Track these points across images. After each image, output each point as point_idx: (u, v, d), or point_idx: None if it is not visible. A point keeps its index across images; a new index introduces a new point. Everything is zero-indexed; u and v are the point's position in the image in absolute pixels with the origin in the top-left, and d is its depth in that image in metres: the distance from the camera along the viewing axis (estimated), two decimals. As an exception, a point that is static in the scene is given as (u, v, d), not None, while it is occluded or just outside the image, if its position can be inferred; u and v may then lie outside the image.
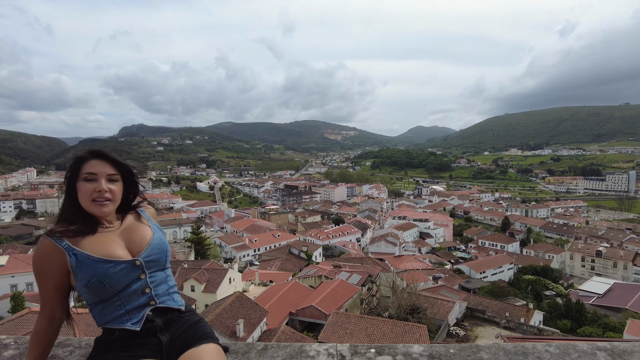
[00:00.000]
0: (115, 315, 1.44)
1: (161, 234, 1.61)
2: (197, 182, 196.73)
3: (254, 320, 29.97)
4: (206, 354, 1.41)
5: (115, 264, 1.42)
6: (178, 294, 1.62)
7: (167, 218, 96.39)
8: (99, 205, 1.45)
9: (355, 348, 1.74)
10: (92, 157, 1.50)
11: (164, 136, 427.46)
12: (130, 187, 1.60)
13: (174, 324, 1.51)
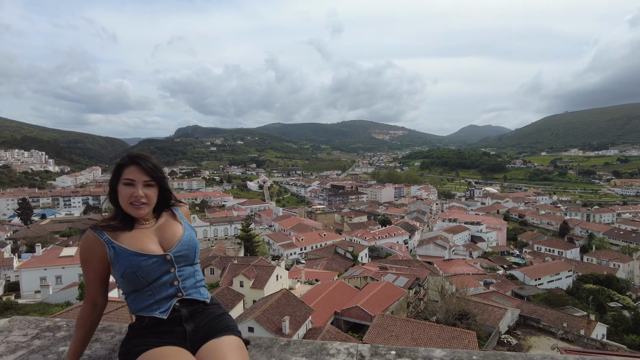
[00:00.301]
0: (146, 304, 1.58)
1: (192, 231, 1.72)
2: (248, 181, 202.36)
3: (300, 317, 30.33)
4: (226, 344, 1.50)
5: (148, 258, 1.56)
6: (205, 287, 1.73)
7: (219, 215, 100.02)
8: (136, 209, 1.61)
9: (375, 349, 1.75)
10: (132, 163, 1.65)
11: (217, 137, 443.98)
12: (164, 190, 1.72)
13: (199, 315, 1.62)
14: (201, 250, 66.21)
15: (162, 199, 1.75)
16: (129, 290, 1.59)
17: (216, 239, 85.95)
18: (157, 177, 1.67)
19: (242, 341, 1.57)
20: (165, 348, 1.46)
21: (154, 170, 1.66)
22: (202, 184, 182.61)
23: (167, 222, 1.71)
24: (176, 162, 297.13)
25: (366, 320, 32.26)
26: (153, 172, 1.66)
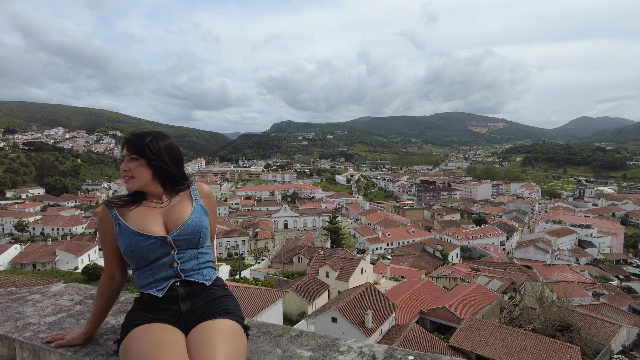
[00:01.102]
0: (146, 282, 1.61)
1: (200, 215, 1.67)
2: (336, 174, 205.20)
3: (383, 313, 30.00)
4: (217, 327, 1.45)
5: (146, 238, 1.56)
6: (211, 269, 1.68)
7: (308, 207, 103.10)
8: (125, 182, 1.66)
9: (391, 352, 1.56)
10: (124, 142, 1.73)
11: (308, 131, 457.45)
12: (161, 168, 1.69)
13: (197, 295, 1.59)
14: (290, 239, 68.98)
15: (169, 179, 1.72)
16: (133, 268, 1.64)
17: (305, 229, 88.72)
18: (143, 151, 1.65)
19: (238, 326, 1.51)
20: (156, 325, 1.47)
21: (136, 144, 1.66)
22: (294, 177, 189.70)
23: (179, 202, 1.70)
24: (271, 155, 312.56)
25: (454, 322, 30.78)
26: (135, 148, 1.66)
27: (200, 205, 1.72)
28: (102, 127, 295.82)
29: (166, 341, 1.36)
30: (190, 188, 1.76)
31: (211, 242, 1.78)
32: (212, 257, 1.73)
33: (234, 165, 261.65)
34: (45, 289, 2.34)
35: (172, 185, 1.72)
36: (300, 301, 34.94)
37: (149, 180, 1.66)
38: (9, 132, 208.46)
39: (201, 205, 1.72)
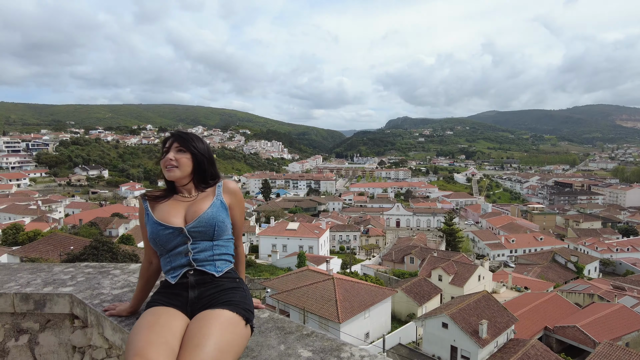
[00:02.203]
0: (166, 268, 1.79)
1: (217, 210, 1.78)
2: (455, 173, 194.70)
3: (500, 324, 27.71)
4: (215, 317, 1.53)
5: (165, 228, 1.74)
6: (224, 261, 1.77)
7: (422, 206, 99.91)
8: (167, 171, 1.81)
9: None
10: (172, 136, 1.90)
11: (425, 127, 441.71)
12: (201, 164, 1.87)
13: (207, 285, 1.70)
14: (402, 238, 67.71)
15: (202, 174, 1.87)
16: (158, 254, 1.83)
17: (418, 229, 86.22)
18: (189, 145, 1.84)
19: (238, 318, 1.57)
20: (162, 308, 1.62)
21: (185, 138, 1.85)
22: (408, 174, 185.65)
23: (201, 198, 1.84)
24: (385, 152, 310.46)
25: (587, 344, 27.00)
26: (184, 141, 1.84)
27: (220, 200, 1.83)
28: (234, 126, 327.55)
29: (159, 324, 1.49)
30: (217, 185, 1.90)
31: (237, 236, 1.90)
32: (230, 250, 1.83)
33: (349, 162, 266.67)
34: (125, 267, 2.76)
35: (203, 182, 1.88)
36: (409, 302, 34.19)
37: (189, 172, 1.84)
38: (162, 130, 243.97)
39: (221, 201, 1.83)
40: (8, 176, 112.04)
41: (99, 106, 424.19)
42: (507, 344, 27.51)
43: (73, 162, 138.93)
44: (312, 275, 34.15)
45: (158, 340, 1.37)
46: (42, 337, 2.35)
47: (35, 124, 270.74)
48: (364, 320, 29.10)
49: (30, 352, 2.38)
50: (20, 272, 2.68)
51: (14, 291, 2.32)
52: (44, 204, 76.58)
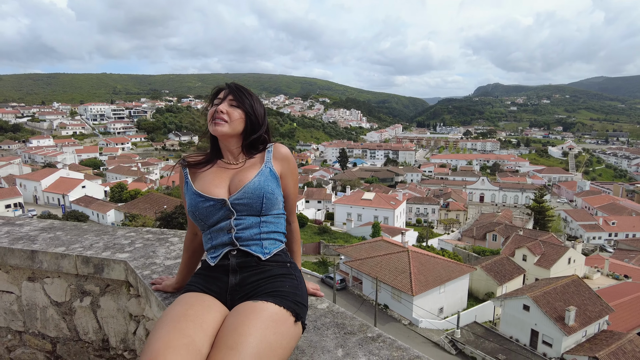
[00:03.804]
0: (207, 246, 1.53)
1: (265, 179, 1.50)
2: (549, 146, 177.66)
3: (592, 313, 25.35)
4: (256, 311, 1.25)
5: (206, 200, 1.47)
6: (273, 240, 1.47)
7: (510, 181, 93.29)
8: (216, 124, 1.52)
9: None
10: (226, 87, 1.61)
11: (518, 95, 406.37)
12: (248, 124, 1.59)
13: (250, 269, 1.43)
14: (485, 214, 64.08)
15: (252, 139, 1.61)
16: (200, 230, 1.59)
17: (504, 205, 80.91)
18: (244, 101, 1.56)
19: (287, 314, 1.28)
20: (195, 295, 1.37)
21: (242, 93, 1.57)
22: (496, 146, 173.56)
23: (248, 165, 1.57)
24: (472, 121, 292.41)
25: (700, 346, 23.64)
26: (240, 95, 1.57)
27: (270, 168, 1.55)
28: (314, 95, 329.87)
29: (187, 318, 1.23)
30: (266, 150, 1.61)
31: (289, 211, 1.61)
32: (280, 228, 1.54)
33: (431, 132, 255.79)
34: (184, 234, 2.63)
35: (253, 147, 1.62)
36: (489, 281, 32.60)
37: (239, 132, 1.57)
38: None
39: (270, 169, 1.54)
40: (115, 140, 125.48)
41: (189, 75, 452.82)
42: (598, 335, 25.24)
43: (167, 128, 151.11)
44: (386, 246, 33.88)
45: (179, 342, 1.11)
46: (103, 300, 2.32)
47: (136, 92, 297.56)
48: (439, 295, 28.43)
49: (93, 314, 2.37)
50: (88, 233, 2.69)
51: (76, 253, 2.30)
52: (143, 166, 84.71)
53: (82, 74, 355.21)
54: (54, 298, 2.44)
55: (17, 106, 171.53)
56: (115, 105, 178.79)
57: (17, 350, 2.63)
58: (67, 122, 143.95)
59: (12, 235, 2.65)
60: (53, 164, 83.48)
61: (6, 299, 2.58)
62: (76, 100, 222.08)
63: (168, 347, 1.09)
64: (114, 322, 2.31)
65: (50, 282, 2.43)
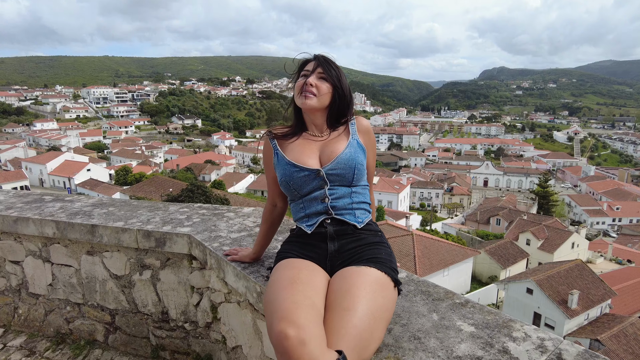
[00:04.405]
0: (299, 216, 1.57)
1: (355, 150, 1.54)
2: (554, 130, 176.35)
3: (594, 297, 25.58)
4: (363, 275, 1.30)
5: (300, 170, 1.51)
6: (364, 211, 1.52)
7: (515, 165, 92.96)
8: (304, 97, 1.54)
9: (588, 357, 1.14)
10: (314, 59, 1.62)
11: (524, 79, 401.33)
12: (337, 98, 1.60)
13: (347, 237, 1.47)
14: (489, 198, 64.13)
15: (337, 111, 1.62)
16: (289, 199, 1.64)
17: (508, 189, 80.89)
18: (332, 74, 1.57)
19: (387, 278, 1.32)
20: (299, 261, 1.42)
21: (330, 66, 1.58)
22: (501, 130, 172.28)
23: (335, 137, 1.60)
24: (477, 105, 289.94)
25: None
26: (329, 68, 1.58)
27: (357, 140, 1.59)
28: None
29: (301, 281, 1.28)
30: (349, 123, 1.64)
31: (369, 182, 1.65)
32: (367, 198, 1.59)
33: (435, 116, 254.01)
34: (239, 210, 2.69)
35: (336, 120, 1.64)
36: (492, 264, 32.86)
37: (325, 105, 1.60)
38: (249, 82, 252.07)
39: (357, 141, 1.58)
40: (118, 124, 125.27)
41: (192, 58, 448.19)
42: (600, 318, 25.48)
43: (170, 111, 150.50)
44: (390, 230, 34.04)
45: (304, 302, 1.17)
46: (163, 274, 2.38)
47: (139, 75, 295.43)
48: (443, 278, 28.69)
49: (153, 287, 2.44)
50: (140, 209, 2.74)
51: (137, 227, 2.35)
52: (147, 150, 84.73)
53: (84, 57, 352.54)
54: (113, 271, 2.51)
55: (20, 89, 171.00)
56: (118, 89, 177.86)
57: (76, 321, 2.72)
58: (70, 106, 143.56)
59: (67, 210, 2.71)
60: (58, 147, 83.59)
61: (65, 272, 2.65)
62: (79, 83, 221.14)
63: (298, 306, 1.14)
64: (174, 294, 2.38)
65: (110, 255, 2.50)
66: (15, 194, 3.24)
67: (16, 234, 2.72)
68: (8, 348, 2.75)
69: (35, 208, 2.80)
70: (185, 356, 2.45)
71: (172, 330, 2.45)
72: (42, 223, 2.56)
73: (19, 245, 2.75)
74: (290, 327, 1.07)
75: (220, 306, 2.15)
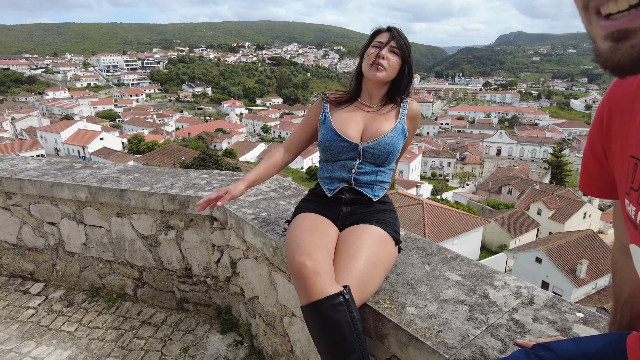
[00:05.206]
0: (324, 175, 1.71)
1: (397, 135, 1.63)
2: (572, 98, 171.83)
3: (604, 267, 25.78)
4: (367, 231, 1.49)
5: (341, 140, 1.61)
6: (383, 190, 1.68)
7: (529, 134, 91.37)
8: (374, 69, 1.60)
9: (555, 302, 1.29)
10: (387, 31, 1.66)
11: (542, 44, 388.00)
12: (405, 74, 1.67)
13: (361, 204, 1.63)
14: (502, 168, 63.61)
15: (397, 87, 1.69)
16: (321, 159, 1.75)
17: (521, 159, 79.93)
18: (404, 49, 1.63)
19: (388, 236, 1.52)
20: (316, 215, 1.60)
21: (403, 41, 1.64)
22: (516, 98, 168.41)
23: (385, 114, 1.67)
24: (492, 72, 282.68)
25: None
26: (402, 43, 1.63)
27: (403, 125, 1.67)
28: (328, 43, 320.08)
29: (318, 229, 1.49)
30: (402, 103, 1.71)
31: (396, 163, 1.77)
32: (389, 178, 1.72)
33: (449, 83, 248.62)
34: (253, 176, 2.88)
35: (394, 94, 1.70)
36: (502, 234, 33.06)
37: (391, 79, 1.66)
38: (259, 48, 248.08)
39: (403, 126, 1.67)
40: (129, 92, 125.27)
41: (200, 24, 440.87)
42: (608, 287, 25.73)
43: (180, 79, 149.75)
44: (401, 199, 34.26)
45: (320, 244, 1.40)
46: (186, 234, 2.62)
47: (148, 42, 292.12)
48: (452, 247, 28.95)
49: (177, 246, 2.69)
50: (163, 175, 2.96)
51: (162, 191, 2.57)
52: (158, 118, 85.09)
53: (92, 24, 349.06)
54: (141, 232, 2.76)
55: (31, 57, 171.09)
56: (128, 56, 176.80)
57: (108, 277, 3.01)
58: (81, 74, 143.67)
59: (97, 176, 2.94)
60: (70, 116, 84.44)
61: (97, 233, 2.92)
62: (88, 51, 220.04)
63: (314, 246, 1.37)
64: (197, 252, 2.63)
65: (137, 217, 2.74)
66: (47, 161, 3.48)
67: (52, 198, 2.98)
68: (50, 299, 3.07)
69: (67, 174, 3.03)
70: (207, 308, 2.73)
71: (195, 285, 2.72)
72: (75, 188, 2.80)
73: (55, 208, 3.01)
74: (308, 259, 1.30)
75: (239, 262, 2.39)
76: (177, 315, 2.81)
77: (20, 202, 3.12)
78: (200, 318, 2.75)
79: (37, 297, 3.12)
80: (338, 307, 1.23)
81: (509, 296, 1.34)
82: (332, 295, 1.24)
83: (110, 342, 2.62)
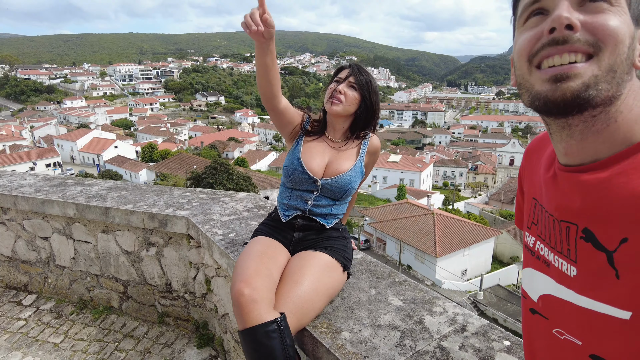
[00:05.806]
0: (282, 201, 1.78)
1: (355, 175, 1.71)
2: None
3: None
4: (314, 258, 1.55)
5: (303, 172, 1.68)
6: (337, 219, 1.76)
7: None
8: (331, 103, 1.69)
9: (487, 329, 1.35)
10: (348, 67, 1.76)
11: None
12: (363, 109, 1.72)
13: (313, 229, 1.71)
14: (515, 177, 62.78)
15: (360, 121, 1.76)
16: (282, 182, 1.80)
17: (534, 168, 78.75)
18: (363, 85, 1.70)
19: (337, 263, 1.58)
20: (269, 240, 1.67)
21: (362, 78, 1.70)
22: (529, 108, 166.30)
23: (347, 150, 1.75)
24: (505, 81, 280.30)
25: None
26: (360, 78, 1.70)
27: (361, 164, 1.75)
28: (341, 53, 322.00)
29: (267, 255, 1.55)
30: (363, 140, 1.78)
31: (352, 196, 1.84)
32: (344, 210, 1.79)
33: (462, 92, 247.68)
34: (234, 195, 2.98)
35: (357, 128, 1.77)
36: (515, 245, 32.56)
37: (350, 113, 1.72)
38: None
39: (361, 165, 1.75)
40: (144, 101, 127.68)
41: (214, 34, 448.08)
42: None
43: (194, 88, 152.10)
44: (412, 209, 34.11)
45: (264, 272, 1.44)
46: (166, 251, 2.72)
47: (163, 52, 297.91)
48: (463, 258, 28.72)
49: (158, 262, 2.79)
50: (148, 193, 3.08)
51: (143, 210, 2.68)
52: (172, 127, 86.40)
53: (109, 34, 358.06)
54: (125, 248, 2.87)
55: (50, 67, 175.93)
56: (143, 66, 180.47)
57: (95, 290, 3.12)
58: (98, 83, 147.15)
59: (86, 194, 3.07)
60: (86, 125, 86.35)
61: (85, 248, 3.04)
62: (105, 61, 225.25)
63: (257, 273, 1.42)
64: (176, 269, 2.72)
65: (121, 234, 2.85)
66: (43, 177, 3.63)
67: (44, 214, 3.12)
68: (40, 311, 3.19)
69: (59, 191, 3.17)
70: (186, 322, 2.81)
71: (175, 300, 2.81)
72: (64, 205, 2.93)
73: (47, 224, 3.15)
74: (246, 287, 1.35)
75: (212, 279, 2.47)
76: (159, 328, 2.90)
77: (14, 217, 3.26)
78: (179, 332, 2.84)
79: (29, 308, 3.24)
80: (271, 334, 1.27)
81: (444, 323, 1.40)
82: (267, 323, 1.28)
83: (93, 354, 2.71)
